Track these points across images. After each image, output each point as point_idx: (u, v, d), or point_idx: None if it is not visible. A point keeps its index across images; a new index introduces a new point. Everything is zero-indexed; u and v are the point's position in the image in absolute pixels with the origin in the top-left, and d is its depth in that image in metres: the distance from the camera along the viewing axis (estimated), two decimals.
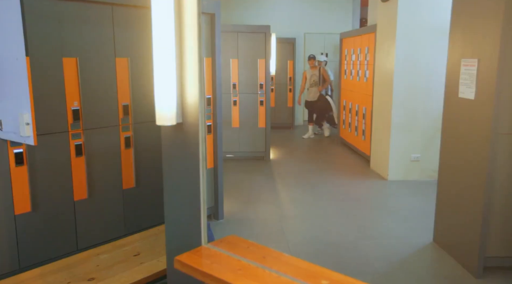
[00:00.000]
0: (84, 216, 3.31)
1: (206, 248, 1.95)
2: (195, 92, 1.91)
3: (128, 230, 3.52)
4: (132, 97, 3.55)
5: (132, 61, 3.51)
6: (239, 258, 1.85)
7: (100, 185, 3.40)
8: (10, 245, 2.92)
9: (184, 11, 1.89)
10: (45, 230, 3.10)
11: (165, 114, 1.88)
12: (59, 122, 3.14)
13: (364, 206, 5.00)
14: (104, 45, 3.34)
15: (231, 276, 1.69)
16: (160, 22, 1.84)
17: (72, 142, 3.21)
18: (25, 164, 2.95)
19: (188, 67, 1.92)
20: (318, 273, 1.79)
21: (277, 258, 1.90)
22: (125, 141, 3.54)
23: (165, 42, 1.85)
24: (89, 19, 3.24)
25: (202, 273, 1.73)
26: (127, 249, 2.90)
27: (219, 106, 4.26)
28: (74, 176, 3.24)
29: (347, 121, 7.93)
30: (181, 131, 1.96)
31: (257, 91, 6.77)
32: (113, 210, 3.50)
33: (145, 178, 3.69)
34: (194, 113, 1.92)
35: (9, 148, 2.87)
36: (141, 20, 3.49)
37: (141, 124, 3.63)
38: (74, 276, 2.52)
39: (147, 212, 3.71)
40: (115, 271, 2.58)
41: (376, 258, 3.65)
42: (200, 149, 1.92)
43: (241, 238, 2.08)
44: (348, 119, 7.86)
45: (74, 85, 3.19)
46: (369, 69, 6.84)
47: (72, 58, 3.16)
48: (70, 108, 3.19)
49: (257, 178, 6.04)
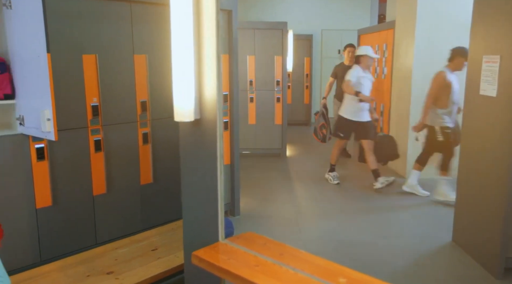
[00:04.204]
0: (102, 210, 3.36)
1: (223, 244, 1.95)
2: (213, 88, 1.92)
3: (145, 225, 3.55)
4: (150, 94, 3.58)
5: (150, 58, 3.54)
6: (256, 254, 1.85)
7: (118, 180, 3.44)
8: (32, 238, 2.99)
9: (203, 8, 1.89)
10: (65, 223, 3.16)
11: (183, 110, 1.89)
12: (78, 118, 3.18)
13: (382, 204, 4.95)
14: (122, 42, 3.38)
15: (248, 272, 1.69)
16: (178, 19, 1.85)
17: (91, 137, 3.26)
18: (46, 159, 3.01)
19: (206, 64, 1.92)
20: (336, 271, 1.78)
21: (294, 255, 1.89)
22: (143, 137, 3.58)
23: (184, 39, 1.86)
24: (108, 17, 3.27)
25: (219, 268, 1.74)
26: (145, 243, 2.94)
27: (236, 103, 4.27)
28: (93, 171, 3.29)
29: None
30: (199, 128, 1.97)
31: (274, 88, 6.75)
32: (131, 205, 3.54)
33: (162, 173, 3.72)
34: (212, 110, 1.93)
35: (31, 143, 2.93)
36: (159, 17, 3.51)
37: (158, 121, 3.66)
38: (93, 269, 2.57)
39: (164, 207, 3.74)
40: (133, 265, 2.61)
41: (393, 257, 3.61)
42: (218, 145, 1.93)
43: (258, 234, 2.08)
44: None
45: (94, 81, 3.23)
46: (387, 66, 6.76)
47: (92, 55, 3.20)
48: (90, 105, 3.23)
49: (274, 174, 6.04)
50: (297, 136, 8.77)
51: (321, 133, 6.40)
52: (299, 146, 7.96)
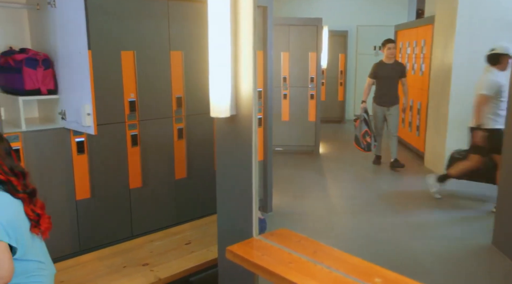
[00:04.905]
0: (138, 203, 3.44)
1: (257, 240, 1.96)
2: (249, 85, 1.92)
3: (179, 219, 3.61)
4: (185, 90, 3.63)
5: (185, 54, 3.58)
6: (290, 252, 1.85)
7: (153, 174, 3.51)
8: (72, 228, 3.10)
9: (240, 5, 1.89)
10: (103, 215, 3.25)
11: (219, 106, 1.90)
12: (116, 113, 3.26)
13: (418, 204, 4.83)
14: (159, 39, 3.43)
15: (282, 269, 1.69)
16: (216, 15, 1.86)
17: (129, 132, 3.34)
18: (86, 152, 3.11)
19: (242, 60, 1.93)
20: (371, 271, 1.75)
21: (329, 253, 1.87)
22: (178, 132, 3.63)
23: (221, 36, 1.87)
24: (146, 14, 3.34)
25: (254, 264, 1.74)
26: (179, 237, 2.98)
27: (270, 100, 4.26)
28: (129, 165, 3.37)
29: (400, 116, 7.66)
30: (234, 124, 1.98)
31: (308, 84, 6.70)
32: (165, 199, 3.61)
33: (196, 168, 3.77)
34: (247, 106, 1.93)
35: (72, 136, 3.03)
36: (195, 14, 3.55)
37: (193, 116, 3.70)
38: (129, 260, 2.63)
39: (198, 202, 3.79)
40: (167, 258, 2.66)
41: (428, 258, 3.52)
42: (253, 141, 1.93)
43: (292, 231, 2.08)
44: (401, 114, 7.59)
45: (131, 77, 3.31)
46: (425, 62, 6.57)
47: (130, 51, 3.27)
48: (127, 100, 3.31)
49: (306, 172, 6.00)
50: (331, 133, 8.68)
51: (364, 141, 5.76)
52: (332, 143, 7.88)
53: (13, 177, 1.79)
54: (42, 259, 1.91)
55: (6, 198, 1.75)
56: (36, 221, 1.84)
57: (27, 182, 1.86)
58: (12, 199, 1.76)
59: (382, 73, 5.93)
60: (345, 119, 10.01)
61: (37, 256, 1.87)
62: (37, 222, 1.84)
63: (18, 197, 1.78)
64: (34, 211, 1.84)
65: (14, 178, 1.79)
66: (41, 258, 1.90)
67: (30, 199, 1.84)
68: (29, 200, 1.83)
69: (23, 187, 1.82)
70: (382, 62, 6.09)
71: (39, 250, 1.89)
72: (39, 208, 1.89)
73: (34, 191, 1.88)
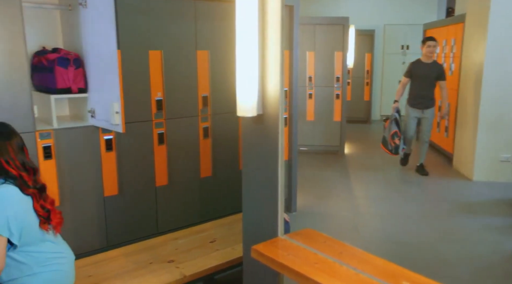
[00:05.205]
0: (164, 201, 3.49)
1: (283, 239, 1.95)
2: (275, 84, 1.91)
3: (204, 217, 3.64)
4: (211, 89, 3.65)
5: (211, 54, 3.61)
6: (315, 252, 1.83)
7: (179, 172, 3.55)
8: (100, 224, 3.16)
9: (268, 4, 1.89)
10: (129, 212, 3.31)
11: (246, 105, 1.91)
12: (144, 111, 3.31)
13: (446, 207, 4.71)
14: (186, 38, 3.47)
15: (307, 269, 1.68)
16: (244, 14, 1.86)
17: (155, 130, 3.39)
18: (114, 149, 3.17)
19: (270, 60, 1.93)
20: (398, 273, 1.72)
21: (355, 255, 1.85)
22: (203, 131, 3.66)
23: (249, 35, 1.87)
24: (173, 14, 3.37)
25: (279, 264, 1.74)
26: (204, 235, 3.01)
27: (295, 99, 4.25)
28: (156, 163, 3.41)
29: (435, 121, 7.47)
30: (261, 123, 1.98)
31: (333, 84, 6.64)
32: (190, 197, 3.64)
33: (221, 167, 3.79)
34: (274, 105, 1.93)
35: (101, 134, 3.10)
36: (221, 14, 3.57)
37: (218, 115, 3.72)
38: (155, 257, 2.67)
39: (222, 200, 3.81)
40: (192, 255, 2.68)
41: (458, 263, 3.44)
42: (280, 140, 1.92)
43: (317, 231, 2.06)
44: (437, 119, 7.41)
45: (158, 76, 3.35)
46: (455, 62, 6.41)
47: (157, 51, 3.32)
48: (154, 99, 3.35)
49: (331, 172, 5.95)
50: (356, 134, 8.57)
51: (392, 143, 5.49)
52: (358, 143, 7.78)
53: (24, 172, 1.83)
54: (58, 249, 1.95)
55: (16, 193, 1.79)
56: (46, 217, 1.87)
57: (37, 178, 1.89)
58: (21, 195, 1.80)
59: (418, 72, 5.54)
60: (371, 119, 9.88)
61: (49, 248, 1.91)
62: (47, 217, 1.87)
63: (28, 192, 1.81)
64: (43, 207, 1.86)
65: (25, 173, 1.83)
66: (56, 248, 1.94)
67: (40, 194, 1.87)
68: (39, 195, 1.86)
69: (34, 183, 1.85)
70: (419, 61, 5.66)
71: (52, 243, 1.93)
72: (49, 203, 1.92)
73: (43, 186, 1.91)
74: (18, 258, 1.81)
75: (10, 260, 1.79)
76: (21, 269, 1.83)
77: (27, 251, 1.83)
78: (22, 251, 1.82)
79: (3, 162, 1.79)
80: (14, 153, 1.83)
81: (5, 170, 1.79)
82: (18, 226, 1.76)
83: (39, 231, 1.85)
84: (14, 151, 1.83)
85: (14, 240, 1.76)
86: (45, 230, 1.86)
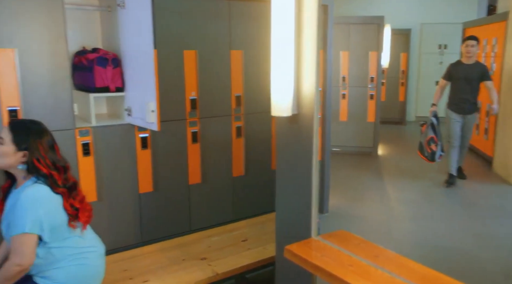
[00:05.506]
0: (197, 199, 3.52)
1: (316, 240, 1.94)
2: (311, 84, 1.90)
3: (236, 216, 3.65)
4: (245, 88, 3.66)
5: (245, 53, 3.62)
6: (350, 254, 1.81)
7: (212, 171, 3.58)
8: (135, 220, 3.23)
9: (304, 3, 1.88)
10: (163, 209, 3.36)
11: (281, 105, 1.90)
12: (178, 110, 3.36)
13: (484, 212, 4.55)
14: (220, 38, 3.49)
15: (341, 271, 1.65)
16: (280, 14, 1.86)
17: (189, 129, 3.42)
18: (149, 147, 3.22)
19: (305, 59, 1.91)
20: (435, 279, 1.67)
21: (391, 258, 1.81)
22: (236, 130, 3.68)
23: (285, 34, 1.86)
24: (208, 13, 3.40)
25: (313, 265, 1.72)
26: (236, 234, 3.03)
27: (329, 99, 4.21)
28: (189, 161, 3.45)
29: None
30: (295, 123, 1.97)
31: (367, 84, 6.53)
32: (223, 195, 3.67)
33: (254, 167, 3.80)
34: (309, 105, 1.91)
35: (136, 132, 3.16)
36: (255, 14, 3.57)
37: (251, 115, 3.73)
38: (188, 254, 2.71)
39: (254, 200, 3.81)
40: (225, 254, 2.71)
41: (495, 270, 3.30)
42: (314, 141, 1.91)
43: (352, 233, 2.03)
44: None
45: (193, 76, 3.39)
46: (496, 62, 6.17)
47: (192, 50, 3.35)
48: (189, 98, 3.39)
49: (364, 174, 5.86)
50: (390, 135, 8.40)
51: (429, 149, 5.07)
52: (391, 145, 7.62)
53: (54, 171, 1.84)
54: (85, 244, 1.98)
55: (46, 192, 1.81)
56: (74, 215, 1.89)
57: (68, 176, 1.91)
58: (52, 194, 1.82)
59: (458, 74, 5.10)
60: (406, 121, 9.65)
61: (76, 242, 1.94)
62: (75, 216, 1.89)
63: (58, 191, 1.84)
64: (72, 206, 1.88)
65: (56, 172, 1.85)
66: (83, 243, 1.97)
67: (70, 193, 1.89)
68: (68, 194, 1.88)
69: (64, 181, 1.87)
70: (459, 62, 5.25)
71: (79, 237, 1.96)
72: (79, 201, 1.93)
73: (74, 184, 1.93)
74: (45, 252, 1.85)
75: (38, 253, 1.83)
76: (47, 262, 1.88)
77: (54, 246, 1.87)
78: (49, 246, 1.86)
79: (34, 160, 1.82)
80: (45, 151, 1.84)
81: (36, 168, 1.82)
82: (49, 224, 1.79)
83: (67, 228, 1.88)
84: (44, 149, 1.85)
85: (45, 237, 1.80)
86: (73, 228, 1.90)
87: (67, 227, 1.88)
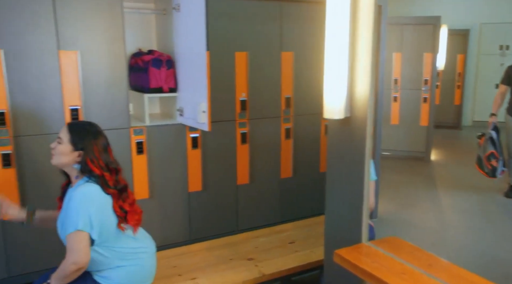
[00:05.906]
0: (245, 199, 3.55)
1: (366, 246, 1.89)
2: (365, 86, 1.86)
3: (283, 218, 3.65)
4: (294, 90, 3.65)
5: (296, 55, 3.60)
6: (402, 262, 1.75)
7: (260, 172, 3.59)
8: (184, 218, 3.31)
9: (359, 4, 1.84)
10: (212, 208, 3.42)
11: (333, 107, 1.87)
12: (228, 111, 3.40)
13: None
14: (271, 39, 3.50)
15: (394, 280, 1.60)
16: (335, 15, 1.83)
17: (239, 130, 3.46)
18: (199, 147, 3.29)
19: (360, 61, 1.87)
20: None
21: (446, 269, 1.74)
22: (285, 132, 3.67)
23: (339, 35, 1.83)
24: (259, 16, 3.42)
25: (363, 271, 1.68)
26: (283, 235, 3.01)
27: (380, 102, 4.11)
28: (238, 162, 3.49)
29: None
30: (348, 126, 1.93)
31: (421, 87, 6.30)
32: (270, 197, 3.67)
33: (302, 169, 3.77)
34: (362, 108, 1.87)
35: (187, 132, 3.24)
36: (307, 15, 3.54)
37: (301, 117, 3.71)
38: (236, 253, 2.73)
39: (302, 202, 3.79)
40: (272, 255, 2.70)
41: None
42: (367, 144, 1.86)
43: (404, 240, 1.96)
44: None
45: (243, 77, 3.42)
46: None
47: (243, 52, 3.39)
48: (239, 99, 3.43)
49: (415, 179, 5.65)
50: (444, 140, 8.05)
51: (489, 165, 4.67)
52: (445, 150, 7.31)
53: (107, 172, 1.89)
54: (138, 245, 2.01)
55: (97, 192, 1.85)
56: (123, 217, 1.92)
57: (119, 178, 1.95)
58: (103, 194, 1.86)
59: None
60: (462, 125, 9.22)
61: (129, 243, 1.98)
62: (124, 218, 1.92)
63: (108, 192, 1.87)
64: (122, 208, 1.91)
65: (108, 173, 1.89)
66: (136, 244, 2.00)
67: (119, 195, 1.92)
68: (118, 195, 1.91)
69: (115, 183, 1.91)
70: None
71: (132, 238, 1.99)
72: (128, 204, 1.95)
73: (125, 187, 1.96)
74: (100, 252, 1.90)
75: (94, 253, 1.87)
76: (103, 262, 1.93)
77: (107, 246, 1.91)
78: (103, 246, 1.90)
79: (88, 160, 1.87)
80: (99, 152, 1.89)
81: (89, 168, 1.87)
82: (98, 223, 1.83)
83: (116, 229, 1.91)
84: (98, 150, 1.90)
85: (94, 235, 1.83)
86: (122, 230, 1.92)
87: (116, 228, 1.91)
